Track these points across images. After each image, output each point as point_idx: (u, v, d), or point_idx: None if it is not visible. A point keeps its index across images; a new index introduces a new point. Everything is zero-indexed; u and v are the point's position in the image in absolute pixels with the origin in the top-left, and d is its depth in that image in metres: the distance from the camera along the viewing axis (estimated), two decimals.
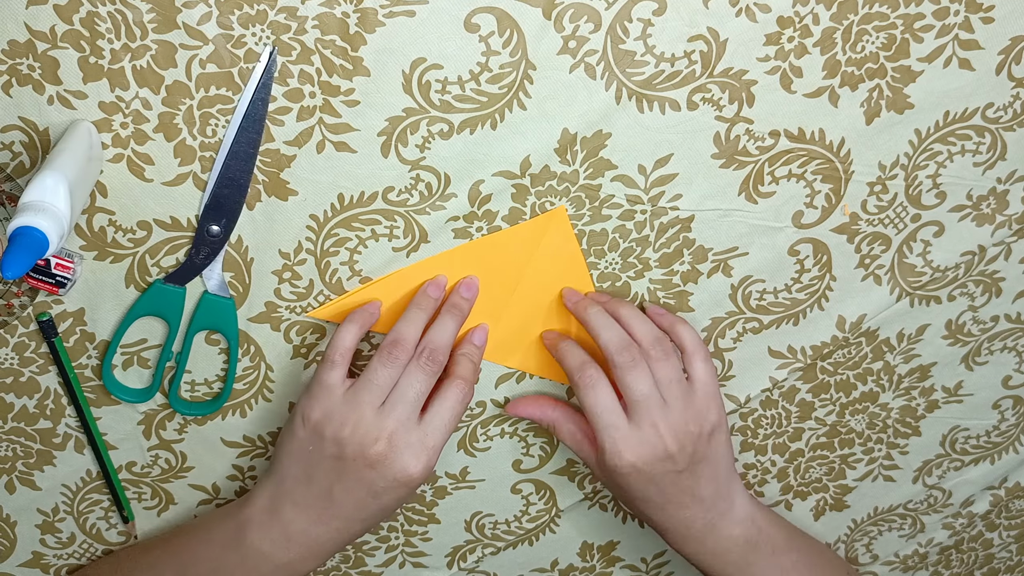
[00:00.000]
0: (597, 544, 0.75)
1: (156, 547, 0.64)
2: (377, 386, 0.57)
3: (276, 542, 0.59)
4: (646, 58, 0.55)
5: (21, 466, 0.64)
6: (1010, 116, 0.60)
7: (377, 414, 0.57)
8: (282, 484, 0.59)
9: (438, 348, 0.58)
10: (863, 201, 0.62)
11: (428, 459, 0.57)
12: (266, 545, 0.59)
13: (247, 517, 0.60)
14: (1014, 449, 0.75)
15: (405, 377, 0.57)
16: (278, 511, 0.59)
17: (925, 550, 0.79)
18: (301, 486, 0.58)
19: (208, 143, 0.54)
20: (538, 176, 0.58)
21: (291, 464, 0.59)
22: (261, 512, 0.59)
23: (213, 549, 0.61)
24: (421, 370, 0.58)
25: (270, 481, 0.60)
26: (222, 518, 0.62)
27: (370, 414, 0.57)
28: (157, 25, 0.50)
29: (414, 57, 0.53)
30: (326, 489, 0.58)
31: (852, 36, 0.56)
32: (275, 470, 0.60)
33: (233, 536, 0.60)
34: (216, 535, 0.61)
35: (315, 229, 0.58)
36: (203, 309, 0.59)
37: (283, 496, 0.59)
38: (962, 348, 0.70)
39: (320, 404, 0.57)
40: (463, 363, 0.60)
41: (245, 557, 0.59)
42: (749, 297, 0.65)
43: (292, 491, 0.59)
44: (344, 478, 0.57)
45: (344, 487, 0.57)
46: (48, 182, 0.46)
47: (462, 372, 0.60)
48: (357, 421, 0.56)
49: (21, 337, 0.59)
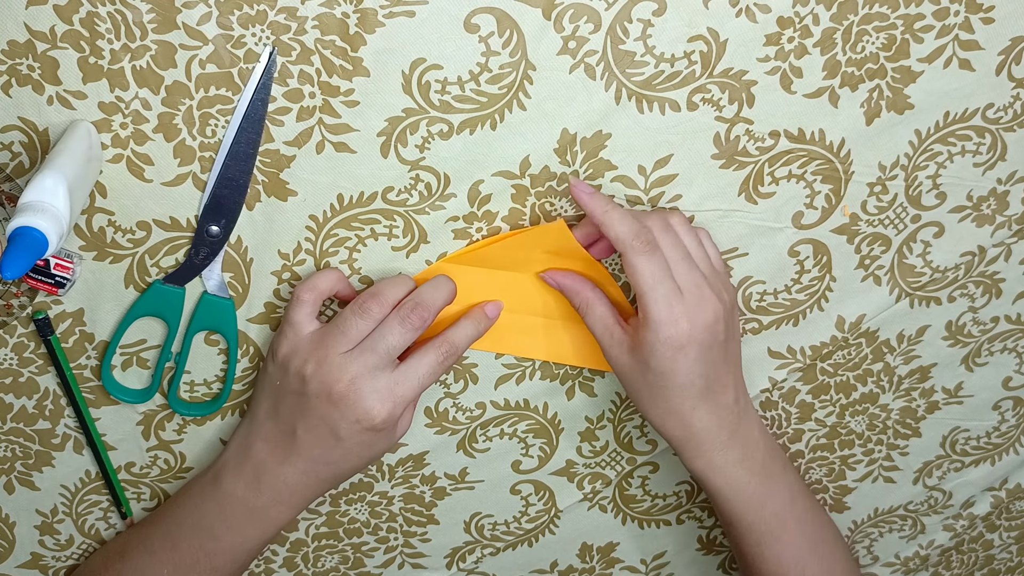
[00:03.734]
0: (596, 545, 0.75)
1: (144, 522, 0.65)
2: (344, 334, 0.56)
3: (248, 484, 0.59)
4: (646, 58, 0.55)
5: (20, 467, 0.64)
6: (1010, 117, 0.60)
7: (343, 357, 0.56)
8: (254, 421, 0.60)
9: (424, 304, 0.57)
10: (863, 202, 0.62)
11: (393, 407, 0.56)
12: (240, 488, 0.60)
13: (223, 461, 0.61)
14: (1014, 450, 0.75)
15: (382, 326, 0.56)
16: (249, 448, 0.60)
17: (926, 552, 0.79)
18: (270, 420, 0.59)
19: (208, 143, 0.54)
20: (538, 176, 0.58)
21: (262, 400, 0.60)
22: (234, 454, 0.61)
23: (192, 501, 0.62)
24: (400, 323, 0.56)
25: (244, 422, 0.62)
26: (202, 472, 0.63)
27: (335, 356, 0.56)
28: (157, 25, 0.50)
29: (414, 57, 0.53)
30: (291, 425, 0.58)
31: (852, 36, 0.56)
32: (250, 409, 0.61)
33: (211, 483, 0.61)
34: (194, 488, 0.62)
35: (314, 229, 0.58)
36: (202, 309, 0.59)
37: (254, 432, 0.60)
38: (962, 349, 0.69)
39: (287, 341, 0.58)
40: (462, 326, 0.59)
41: (221, 503, 0.60)
42: (749, 298, 0.64)
43: (262, 426, 0.59)
44: (307, 415, 0.57)
45: (306, 424, 0.57)
46: (47, 182, 0.46)
47: (454, 335, 0.59)
48: (320, 359, 0.56)
49: (20, 337, 0.59)
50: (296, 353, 0.57)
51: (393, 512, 0.70)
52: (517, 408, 0.67)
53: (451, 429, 0.67)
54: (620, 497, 0.72)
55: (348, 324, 0.56)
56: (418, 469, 0.68)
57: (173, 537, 0.61)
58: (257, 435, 0.60)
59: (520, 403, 0.67)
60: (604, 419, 0.68)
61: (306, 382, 0.56)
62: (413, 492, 0.69)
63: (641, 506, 0.73)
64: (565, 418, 0.68)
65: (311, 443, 0.58)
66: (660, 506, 0.73)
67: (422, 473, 0.68)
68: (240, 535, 0.60)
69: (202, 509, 0.61)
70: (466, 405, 0.66)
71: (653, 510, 0.74)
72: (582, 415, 0.68)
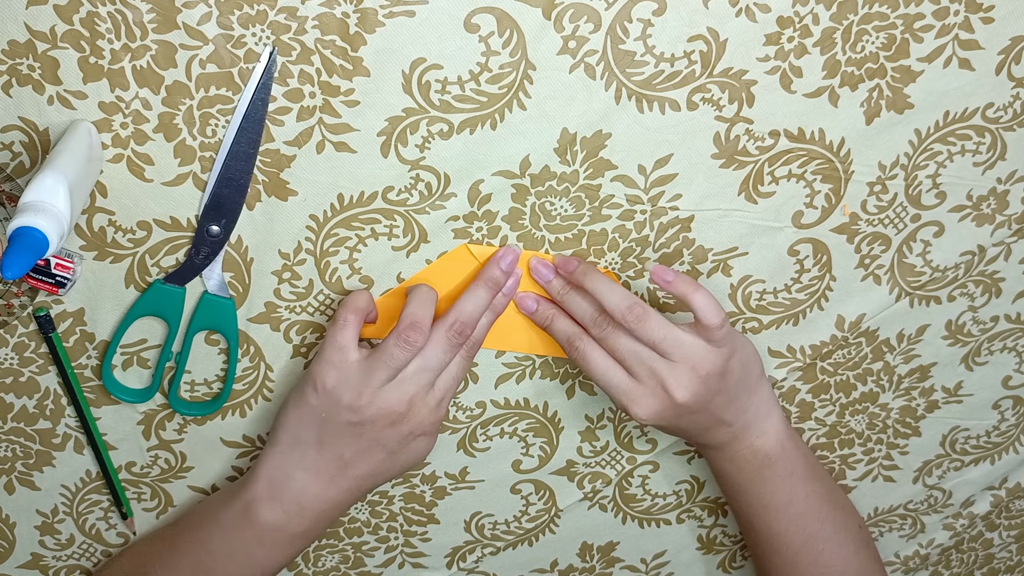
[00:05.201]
0: (596, 544, 0.75)
1: (164, 548, 0.64)
2: (391, 367, 0.57)
3: (290, 512, 0.59)
4: (646, 58, 0.55)
5: (20, 467, 0.64)
6: (1010, 116, 0.60)
7: (396, 383, 0.57)
8: (290, 453, 0.59)
9: (468, 322, 0.58)
10: (863, 201, 0.62)
11: (440, 411, 0.59)
12: (280, 518, 0.59)
13: (253, 496, 0.60)
14: (1014, 449, 0.75)
15: (431, 347, 0.57)
16: (287, 481, 0.59)
17: (926, 551, 0.79)
18: (312, 451, 0.58)
19: (208, 143, 0.54)
20: (538, 176, 0.58)
21: (300, 431, 0.59)
22: (268, 486, 0.59)
23: (226, 534, 0.61)
24: (448, 342, 0.58)
25: (274, 452, 0.60)
26: (227, 501, 0.61)
27: (389, 386, 0.57)
28: (157, 25, 0.50)
29: (414, 57, 0.53)
30: (339, 452, 0.58)
31: (852, 36, 0.56)
32: (278, 440, 0.60)
33: (242, 518, 0.60)
34: (225, 520, 0.61)
35: (315, 229, 0.58)
36: (203, 309, 0.59)
37: (292, 465, 0.59)
38: (962, 348, 0.70)
39: (334, 370, 0.57)
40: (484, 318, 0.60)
41: (261, 535, 0.60)
42: (749, 297, 0.65)
43: (302, 458, 0.59)
44: (360, 440, 0.58)
45: (359, 449, 0.58)
46: (48, 182, 0.46)
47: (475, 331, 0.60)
48: (375, 391, 0.57)
49: (21, 337, 0.59)
50: (347, 385, 0.57)
51: (393, 511, 0.70)
52: (517, 407, 0.67)
53: (451, 428, 0.67)
54: (620, 496, 0.72)
55: (395, 358, 0.57)
56: (418, 468, 0.68)
57: (205, 566, 0.61)
58: (297, 466, 0.59)
59: (520, 402, 0.67)
60: (604, 418, 0.68)
61: (362, 412, 0.57)
62: (413, 491, 0.69)
63: (641, 505, 0.73)
64: (565, 417, 0.68)
65: (361, 463, 0.59)
66: (660, 505, 0.73)
67: (422, 472, 0.69)
68: (281, 556, 0.61)
69: (238, 542, 0.60)
70: (466, 404, 0.66)
71: (653, 509, 0.74)
72: (582, 414, 0.68)
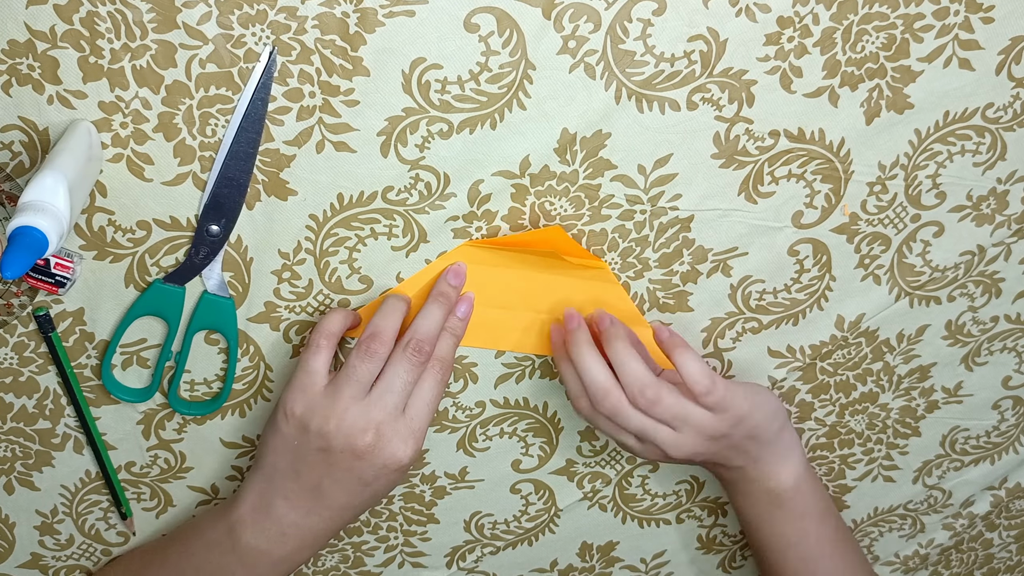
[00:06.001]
0: (596, 544, 0.75)
1: (155, 562, 0.64)
2: (357, 381, 0.57)
3: (272, 538, 0.59)
4: (646, 58, 0.55)
5: (20, 467, 0.64)
6: (1010, 116, 0.60)
7: (362, 406, 0.57)
8: (271, 480, 0.59)
9: (424, 339, 0.58)
10: (863, 201, 0.62)
11: (416, 443, 0.58)
12: (262, 543, 0.59)
13: (237, 518, 0.59)
14: (1014, 449, 0.75)
15: (391, 367, 0.57)
16: (269, 508, 0.59)
17: (925, 550, 0.79)
18: (289, 481, 0.58)
19: (208, 143, 0.54)
20: (538, 176, 0.58)
21: (277, 459, 0.59)
22: (252, 511, 0.59)
23: (211, 554, 0.61)
24: (408, 361, 0.57)
25: (257, 477, 0.60)
26: (214, 520, 0.61)
27: (354, 407, 0.56)
28: (157, 25, 0.50)
29: (414, 57, 0.53)
30: (315, 482, 0.58)
31: (852, 36, 0.56)
32: (261, 466, 0.60)
33: (227, 538, 0.60)
34: (211, 538, 0.61)
35: (314, 229, 0.58)
36: (202, 309, 0.59)
37: (272, 492, 0.59)
38: (962, 348, 0.70)
39: (302, 397, 0.57)
40: (444, 340, 0.60)
41: (243, 556, 0.59)
42: (749, 297, 0.65)
43: (281, 486, 0.59)
44: (333, 470, 0.57)
45: (333, 479, 0.57)
46: (48, 182, 0.46)
47: (440, 352, 0.59)
48: (342, 414, 0.56)
49: (20, 337, 0.59)
50: (314, 411, 0.57)
51: (393, 511, 0.70)
52: (517, 407, 0.67)
53: (451, 428, 0.67)
54: (620, 496, 0.72)
55: (358, 371, 0.57)
56: (418, 468, 0.68)
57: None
58: (277, 494, 0.59)
59: (520, 402, 0.67)
60: None
61: (329, 439, 0.56)
62: (413, 491, 0.69)
63: (641, 505, 0.73)
64: (565, 417, 0.68)
65: (338, 494, 0.58)
66: (660, 505, 0.73)
67: (422, 472, 0.69)
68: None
69: (222, 562, 0.60)
70: (466, 404, 0.66)
71: (653, 509, 0.74)
72: None
